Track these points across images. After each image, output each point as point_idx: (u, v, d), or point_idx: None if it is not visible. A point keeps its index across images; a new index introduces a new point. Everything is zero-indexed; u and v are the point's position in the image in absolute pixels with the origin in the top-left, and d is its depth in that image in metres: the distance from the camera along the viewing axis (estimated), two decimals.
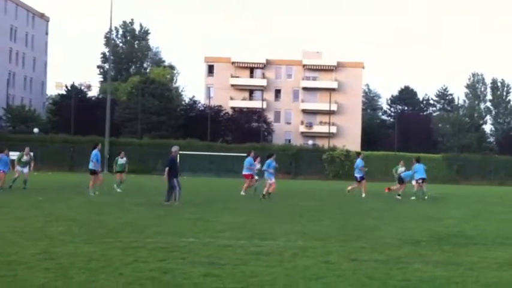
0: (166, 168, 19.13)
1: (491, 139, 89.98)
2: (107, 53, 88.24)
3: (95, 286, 6.98)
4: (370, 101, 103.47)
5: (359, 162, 26.93)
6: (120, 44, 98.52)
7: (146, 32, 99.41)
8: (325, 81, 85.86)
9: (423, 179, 25.82)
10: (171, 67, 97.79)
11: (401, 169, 28.69)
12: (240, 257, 9.09)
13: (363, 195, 25.97)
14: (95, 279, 7.28)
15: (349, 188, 27.15)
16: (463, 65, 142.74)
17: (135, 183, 33.01)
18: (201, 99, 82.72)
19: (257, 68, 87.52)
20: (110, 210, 16.43)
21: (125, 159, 27.80)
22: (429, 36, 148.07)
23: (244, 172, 26.52)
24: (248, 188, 26.14)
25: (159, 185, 32.77)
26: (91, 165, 23.14)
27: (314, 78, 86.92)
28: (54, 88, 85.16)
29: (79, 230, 11.84)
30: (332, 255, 9.56)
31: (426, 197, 25.59)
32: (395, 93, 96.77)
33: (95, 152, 23.21)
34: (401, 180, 26.23)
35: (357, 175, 26.86)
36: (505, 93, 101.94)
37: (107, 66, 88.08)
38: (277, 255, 9.41)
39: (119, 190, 25.19)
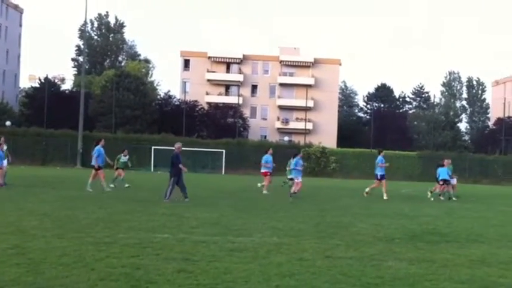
0: (180, 165, 19.05)
1: (466, 137, 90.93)
2: (82, 46, 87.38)
3: (66, 281, 6.89)
4: (346, 98, 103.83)
5: (379, 159, 25.04)
6: (95, 37, 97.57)
7: (121, 25, 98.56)
8: (301, 77, 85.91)
9: (444, 180, 25.20)
10: (147, 61, 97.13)
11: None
12: (214, 253, 9.05)
13: (385, 197, 23.88)
14: (67, 275, 7.20)
15: (367, 189, 25.07)
16: (439, 63, 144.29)
17: (108, 178, 32.73)
18: (177, 93, 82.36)
19: (234, 63, 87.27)
20: (83, 205, 16.26)
21: (127, 157, 27.59)
22: (406, 35, 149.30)
23: (262, 170, 26.09)
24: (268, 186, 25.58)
25: (132, 179, 32.60)
26: (93, 161, 22.97)
27: (291, 74, 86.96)
28: (27, 81, 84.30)
29: (51, 225, 11.71)
30: (307, 252, 9.56)
31: (442, 198, 25.33)
32: (372, 90, 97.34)
33: (97, 147, 22.99)
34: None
35: (378, 173, 25.08)
36: (480, 92, 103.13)
37: (81, 59, 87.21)
38: (252, 251, 9.38)
39: (111, 186, 24.95)
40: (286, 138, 78.18)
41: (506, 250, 10.59)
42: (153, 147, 53.89)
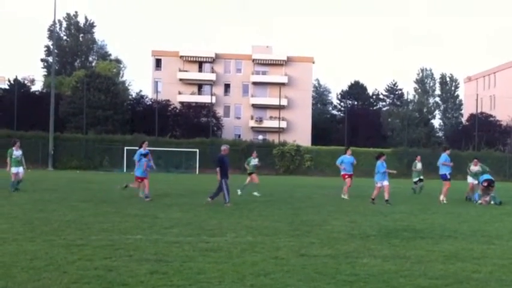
0: (218, 168, 18.37)
1: (440, 134, 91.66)
2: (51, 47, 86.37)
3: (38, 285, 6.80)
4: (320, 96, 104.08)
5: (443, 157, 22.15)
6: (64, 37, 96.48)
7: (91, 25, 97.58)
8: (275, 75, 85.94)
9: (488, 181, 21.83)
10: (118, 61, 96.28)
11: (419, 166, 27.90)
12: (188, 254, 8.99)
13: (442, 199, 21.79)
14: (38, 278, 7.11)
15: (442, 197, 21.96)
16: (412, 60, 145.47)
17: (80, 179, 32.44)
18: (149, 93, 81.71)
19: (206, 62, 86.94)
20: (54, 207, 16.04)
21: (257, 159, 25.71)
22: (377, 32, 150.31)
23: (342, 172, 23.43)
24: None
25: (104, 180, 32.33)
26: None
27: (264, 73, 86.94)
28: None
29: (22, 228, 11.52)
30: (281, 250, 9.53)
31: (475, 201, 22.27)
32: (345, 88, 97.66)
33: (139, 151, 20.82)
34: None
35: (443, 172, 22.19)
36: (453, 88, 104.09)
37: (50, 59, 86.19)
38: (226, 251, 9.34)
39: (256, 194, 23.28)
40: (260, 137, 78.12)
41: (479, 245, 10.68)
42: (125, 148, 53.43)
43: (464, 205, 20.81)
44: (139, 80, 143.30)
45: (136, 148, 21.66)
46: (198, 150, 56.28)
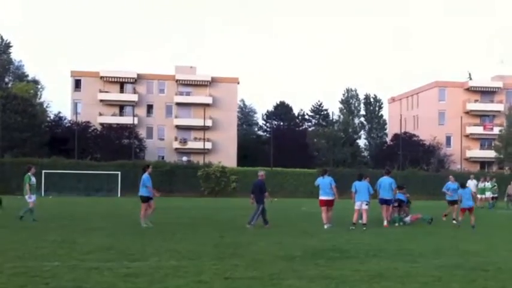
0: (266, 193, 19.53)
1: (366, 153, 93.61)
2: None
3: None
4: (245, 117, 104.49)
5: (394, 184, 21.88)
6: None
7: (8, 45, 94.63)
8: (199, 96, 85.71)
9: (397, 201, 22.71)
10: (35, 82, 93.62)
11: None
12: (108, 280, 8.68)
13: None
14: None
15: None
16: (337, 81, 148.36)
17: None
18: (68, 115, 79.79)
19: (127, 82, 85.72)
20: None
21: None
22: (303, 52, 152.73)
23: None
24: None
25: (21, 205, 31.00)
26: (143, 192, 19.16)
27: (188, 94, 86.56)
28: None
29: None
30: (205, 274, 9.34)
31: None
32: (271, 108, 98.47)
33: (145, 176, 19.30)
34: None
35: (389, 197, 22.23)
36: (377, 109, 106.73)
37: None
38: (148, 276, 9.07)
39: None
40: (184, 158, 77.50)
41: (403, 264, 10.79)
42: (43, 171, 51.72)
43: (391, 225, 21.15)
44: (58, 102, 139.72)
45: (56, 171, 20.90)
46: (120, 172, 55.10)
